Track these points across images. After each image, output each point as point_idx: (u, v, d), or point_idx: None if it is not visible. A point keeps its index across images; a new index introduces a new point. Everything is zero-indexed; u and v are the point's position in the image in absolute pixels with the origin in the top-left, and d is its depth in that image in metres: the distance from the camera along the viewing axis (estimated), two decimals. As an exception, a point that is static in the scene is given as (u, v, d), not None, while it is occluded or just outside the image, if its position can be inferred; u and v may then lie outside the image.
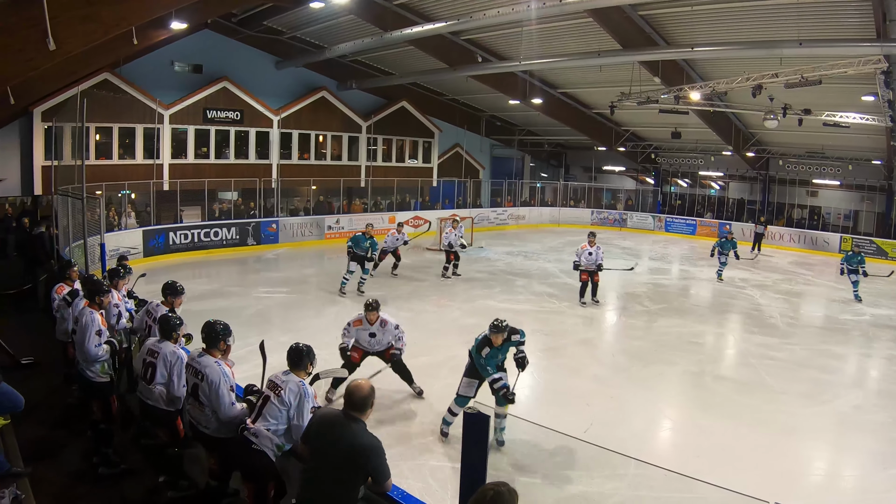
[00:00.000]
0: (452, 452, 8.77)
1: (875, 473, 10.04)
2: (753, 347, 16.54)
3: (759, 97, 23.04)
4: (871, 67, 19.63)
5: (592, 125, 37.93)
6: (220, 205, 30.53)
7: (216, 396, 6.73)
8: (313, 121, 33.32)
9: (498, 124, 42.77)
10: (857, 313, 20.71)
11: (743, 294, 22.87)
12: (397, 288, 21.51)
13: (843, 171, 34.73)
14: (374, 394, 5.48)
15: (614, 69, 27.46)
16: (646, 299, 21.51)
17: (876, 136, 28.92)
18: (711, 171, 40.70)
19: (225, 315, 15.74)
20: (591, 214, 42.63)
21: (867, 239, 33.06)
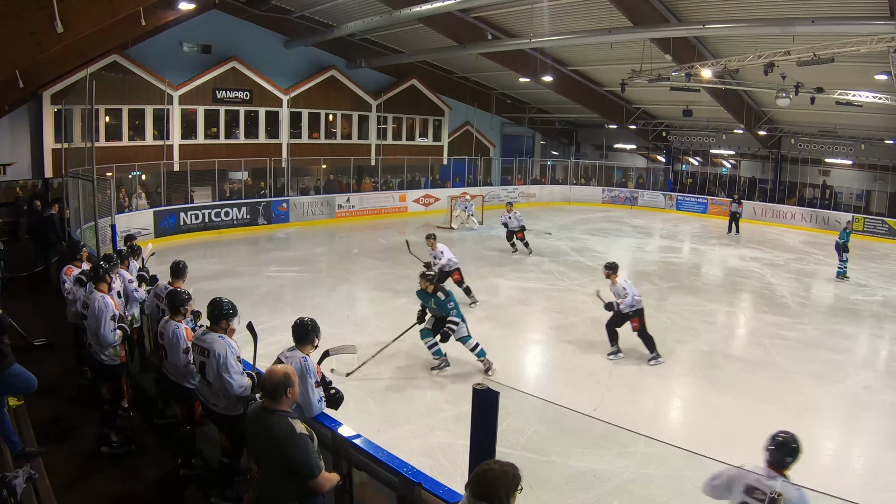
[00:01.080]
0: (462, 430, 8.81)
1: (885, 454, 10.02)
2: (764, 327, 16.52)
3: (771, 75, 22.93)
4: (884, 46, 19.43)
5: (603, 103, 37.79)
6: (231, 185, 30.56)
7: (225, 368, 6.68)
8: (323, 100, 33.23)
9: (508, 102, 42.57)
10: (868, 294, 20.64)
11: (754, 273, 22.81)
12: (408, 265, 21.46)
13: (855, 151, 34.46)
14: (292, 379, 5.11)
15: (625, 46, 27.29)
16: (656, 277, 21.50)
17: (889, 115, 28.60)
18: (723, 149, 40.46)
19: (236, 294, 15.93)
20: (602, 192, 42.55)
21: (879, 219, 32.94)
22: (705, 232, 32.19)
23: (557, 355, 14.14)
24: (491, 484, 3.70)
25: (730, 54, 25.01)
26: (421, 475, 5.34)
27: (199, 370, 6.90)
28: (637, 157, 46.07)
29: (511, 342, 14.80)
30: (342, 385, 7.52)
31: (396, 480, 5.37)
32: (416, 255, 16.60)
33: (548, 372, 13.44)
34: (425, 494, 5.19)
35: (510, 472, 3.77)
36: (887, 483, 9.22)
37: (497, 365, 12.66)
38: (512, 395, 9.89)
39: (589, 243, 27.43)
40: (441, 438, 9.70)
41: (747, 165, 40.75)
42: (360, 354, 11.03)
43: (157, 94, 27.14)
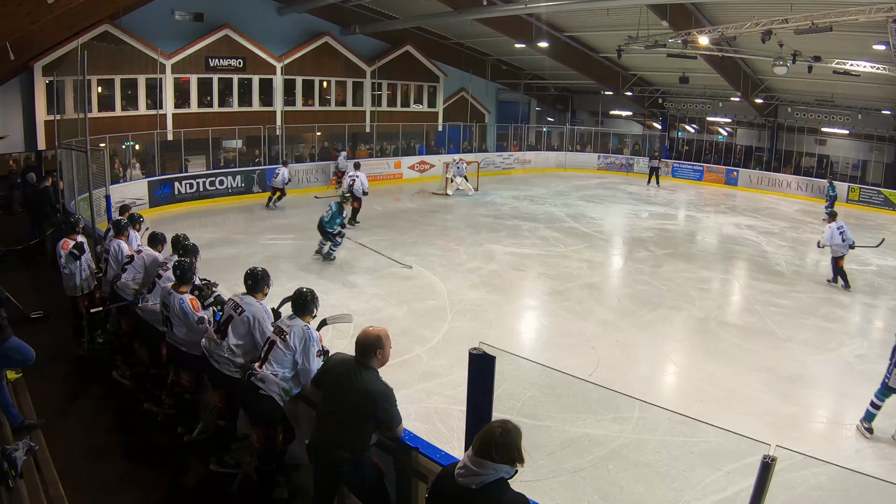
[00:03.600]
0: (458, 395, 8.83)
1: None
2: (759, 294, 16.59)
3: (768, 43, 22.84)
4: (882, 15, 19.35)
5: (599, 69, 37.53)
6: (225, 153, 30.44)
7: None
8: (317, 67, 32.89)
9: (504, 68, 42.29)
10: (862, 263, 20.67)
11: (749, 241, 22.85)
12: (404, 232, 21.53)
13: (852, 120, 34.33)
14: (384, 342, 5.38)
15: (622, 12, 27.13)
16: (652, 244, 21.53)
17: (886, 85, 28.53)
18: (719, 116, 40.29)
19: (233, 263, 15.99)
20: (598, 159, 42.40)
21: (875, 189, 32.92)
22: (700, 199, 32.23)
23: (552, 321, 14.20)
24: (509, 443, 3.79)
25: (727, 21, 24.91)
26: (418, 440, 5.42)
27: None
28: (633, 124, 45.93)
29: (506, 308, 14.84)
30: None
31: (394, 445, 5.45)
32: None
33: (543, 337, 13.51)
34: (422, 459, 5.27)
35: (518, 428, 3.86)
36: (879, 450, 9.30)
37: (492, 330, 12.70)
38: (508, 359, 9.90)
39: (584, 210, 27.41)
40: (438, 404, 9.77)
41: (744, 133, 40.67)
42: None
43: (150, 63, 26.84)
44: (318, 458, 5.55)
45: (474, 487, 3.77)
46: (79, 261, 10.40)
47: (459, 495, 3.83)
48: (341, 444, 5.28)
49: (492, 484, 3.77)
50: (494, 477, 3.77)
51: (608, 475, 8.13)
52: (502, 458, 3.76)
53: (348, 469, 5.33)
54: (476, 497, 3.78)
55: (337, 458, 5.31)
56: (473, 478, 3.78)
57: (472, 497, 3.79)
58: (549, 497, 7.57)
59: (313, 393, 5.95)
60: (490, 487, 3.77)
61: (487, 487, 3.77)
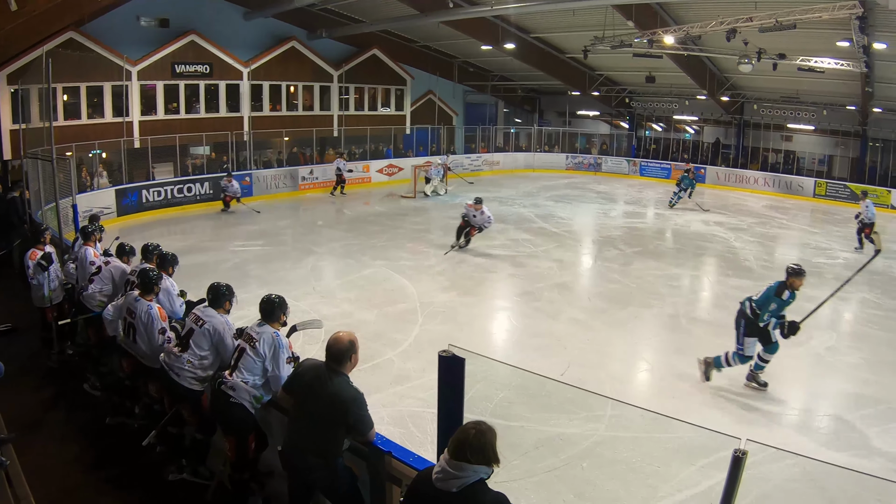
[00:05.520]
0: (431, 398, 8.83)
1: (848, 413, 10.18)
2: (729, 290, 16.68)
3: (733, 41, 22.97)
4: (845, 13, 19.55)
5: (566, 70, 37.67)
6: (193, 160, 30.13)
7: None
8: (284, 71, 32.70)
9: (471, 70, 42.33)
10: (830, 256, 20.91)
11: (718, 237, 22.99)
12: (373, 236, 21.46)
13: (817, 116, 34.88)
14: (356, 346, 5.46)
15: (587, 13, 27.25)
16: (621, 243, 21.63)
17: (850, 81, 28.84)
18: (686, 115, 40.65)
19: (202, 270, 15.86)
20: (566, 159, 42.49)
21: (841, 183, 33.42)
22: (669, 197, 32.35)
23: (524, 321, 14.22)
24: (485, 444, 3.81)
25: (692, 20, 25.08)
26: (391, 444, 5.41)
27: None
28: (600, 124, 46.10)
29: (477, 309, 14.84)
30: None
31: (366, 449, 5.44)
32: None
33: (515, 338, 13.50)
34: (396, 462, 5.25)
35: (492, 429, 3.89)
36: (849, 440, 9.37)
37: (463, 332, 12.68)
38: (479, 361, 9.88)
39: (553, 210, 27.49)
40: (411, 407, 9.73)
41: (710, 131, 40.96)
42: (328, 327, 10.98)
43: (116, 70, 26.53)
44: (291, 465, 5.52)
45: (454, 491, 3.77)
46: (47, 271, 10.28)
47: (439, 499, 3.82)
48: (314, 450, 5.28)
49: (472, 486, 3.77)
50: (474, 479, 3.78)
51: (582, 473, 8.14)
52: (478, 459, 3.77)
53: (321, 475, 5.33)
54: (457, 500, 3.78)
55: (310, 463, 5.31)
56: (453, 481, 3.78)
57: (452, 501, 3.78)
58: (524, 497, 7.56)
59: (284, 399, 5.92)
60: (470, 489, 3.77)
61: (468, 490, 3.77)
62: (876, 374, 11.84)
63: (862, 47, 22.96)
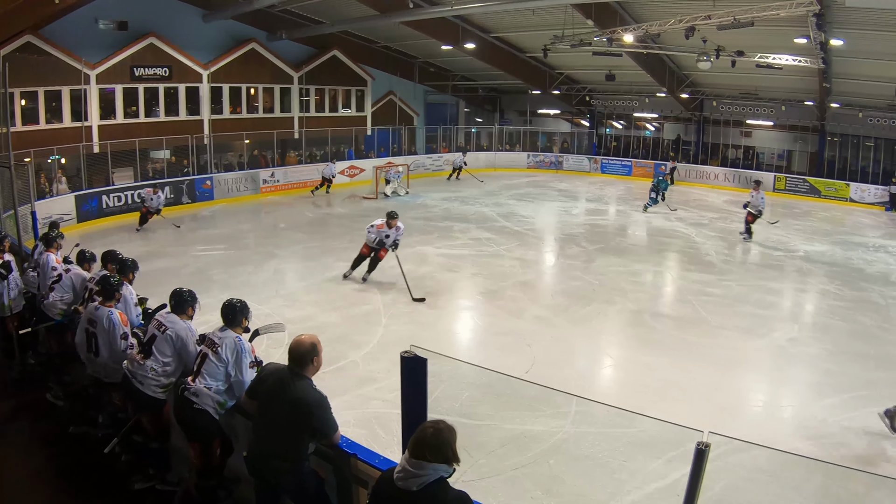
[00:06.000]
0: (395, 398, 8.79)
1: (812, 403, 10.35)
2: (691, 284, 16.84)
3: (692, 39, 23.17)
4: (802, 10, 19.79)
5: (526, 69, 37.75)
6: (153, 164, 29.75)
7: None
8: (244, 74, 32.46)
9: (431, 70, 42.34)
10: (790, 250, 21.17)
11: (679, 233, 23.15)
12: (335, 238, 21.33)
13: (776, 112, 35.40)
14: (318, 349, 5.39)
15: (547, 12, 27.25)
16: (583, 240, 21.71)
17: (808, 77, 29.28)
18: (646, 112, 41.01)
19: (163, 275, 15.69)
20: (527, 158, 42.64)
21: (800, 178, 34.04)
22: (630, 194, 32.54)
23: (487, 320, 14.19)
24: (442, 443, 3.80)
25: (651, 19, 25.23)
26: (356, 446, 5.39)
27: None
28: (561, 122, 46.29)
29: (441, 309, 14.80)
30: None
31: (332, 452, 5.42)
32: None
33: (479, 337, 13.49)
34: (362, 465, 5.24)
35: (451, 427, 3.88)
36: (813, 430, 9.50)
37: (427, 332, 12.65)
38: (443, 361, 9.86)
39: (515, 208, 27.52)
40: (376, 409, 9.68)
41: (670, 128, 41.32)
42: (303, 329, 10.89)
43: (74, 74, 26.13)
44: (257, 470, 5.47)
45: (415, 489, 3.76)
46: (6, 280, 10.06)
47: (400, 499, 3.81)
48: (279, 455, 5.23)
49: (432, 484, 3.76)
50: (434, 477, 3.76)
51: (550, 470, 8.14)
52: (436, 457, 3.76)
53: (288, 479, 5.28)
54: (417, 499, 3.76)
55: (275, 468, 5.27)
56: (413, 480, 3.77)
57: (413, 499, 3.77)
58: (491, 495, 7.53)
59: (248, 404, 5.85)
60: (431, 488, 3.76)
61: (428, 488, 3.76)
62: (838, 364, 12.01)
63: (819, 44, 23.22)
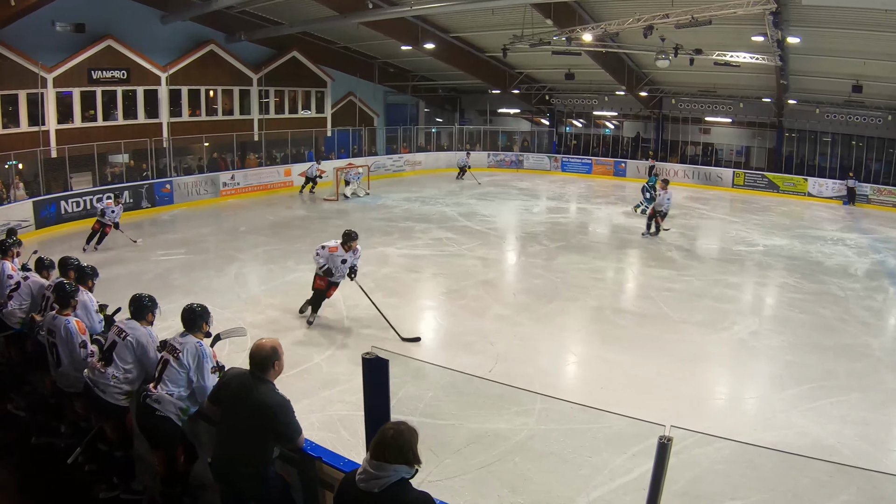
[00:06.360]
0: (359, 400, 8.74)
1: (774, 395, 10.49)
2: (652, 280, 16.98)
3: (650, 38, 23.31)
4: (759, 8, 19.97)
5: (486, 69, 37.82)
6: (112, 169, 29.36)
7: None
8: (202, 76, 32.14)
9: (391, 71, 42.24)
10: (750, 244, 21.41)
11: (640, 229, 23.22)
12: (296, 240, 21.19)
13: (734, 109, 35.95)
14: (279, 353, 5.39)
15: (507, 12, 27.28)
16: (544, 238, 21.79)
17: (766, 74, 29.68)
18: (606, 110, 41.32)
19: (123, 281, 15.50)
20: (488, 157, 42.69)
21: (759, 173, 34.66)
22: (591, 192, 32.71)
23: (450, 320, 14.22)
24: (402, 444, 3.80)
25: (610, 17, 25.34)
26: (320, 449, 5.38)
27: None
28: (521, 121, 46.46)
29: (403, 310, 14.75)
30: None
31: (297, 456, 5.41)
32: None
33: (442, 337, 13.47)
34: (326, 468, 5.23)
35: (412, 429, 3.88)
36: (776, 421, 9.64)
37: (389, 333, 12.61)
38: (406, 362, 9.85)
39: (476, 208, 27.55)
40: (340, 411, 9.61)
41: (630, 126, 41.65)
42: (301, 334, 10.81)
43: (30, 77, 25.68)
44: (222, 476, 5.44)
45: (377, 491, 3.76)
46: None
47: (363, 500, 3.80)
48: (243, 460, 5.21)
49: (394, 486, 3.76)
50: (395, 478, 3.77)
51: (515, 468, 8.13)
52: (396, 458, 3.76)
53: (253, 484, 5.24)
54: (379, 500, 3.76)
55: (240, 474, 5.23)
56: (375, 482, 3.77)
57: (375, 501, 3.77)
58: (458, 495, 7.54)
59: (211, 410, 5.78)
60: (392, 489, 3.76)
61: (389, 490, 3.76)
62: (799, 355, 12.20)
63: (776, 41, 23.46)
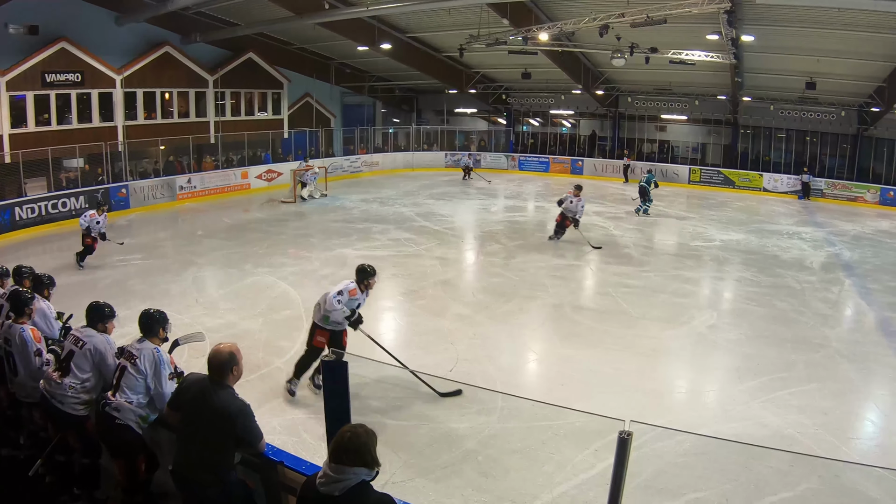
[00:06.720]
0: (321, 403, 8.68)
1: (733, 387, 10.64)
2: (610, 277, 17.11)
3: (606, 37, 23.48)
4: (714, 7, 20.21)
5: (443, 68, 37.90)
6: (67, 173, 28.84)
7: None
8: (158, 78, 31.71)
9: (348, 72, 42.10)
10: (707, 239, 21.65)
11: (597, 227, 23.41)
12: (254, 243, 21.02)
13: (690, 107, 36.55)
14: (237, 358, 5.34)
15: (463, 12, 27.31)
16: (502, 237, 21.87)
17: (720, 72, 30.13)
18: (562, 109, 41.62)
19: (80, 288, 15.27)
20: (445, 157, 42.69)
21: (715, 169, 35.22)
22: (548, 190, 32.79)
23: (410, 320, 14.23)
24: (359, 446, 3.79)
25: (566, 17, 25.47)
26: (282, 453, 5.38)
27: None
28: (478, 121, 46.63)
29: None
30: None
31: (258, 461, 5.40)
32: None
33: (402, 337, 13.41)
34: (289, 472, 5.22)
35: (370, 431, 3.87)
36: (736, 413, 9.76)
37: (350, 335, 12.56)
38: (366, 364, 9.80)
39: (434, 208, 27.57)
40: (301, 414, 9.58)
41: (586, 124, 41.99)
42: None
43: (-18, 81, 25.40)
44: (183, 483, 5.38)
45: (337, 494, 3.75)
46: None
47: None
48: (204, 466, 5.15)
49: (354, 488, 3.76)
50: (355, 481, 3.76)
51: (479, 466, 8.12)
52: (354, 461, 3.76)
53: (215, 491, 5.19)
54: (341, 503, 3.74)
55: (202, 480, 5.18)
56: (335, 485, 3.76)
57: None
58: (422, 495, 7.50)
59: (171, 416, 5.71)
60: (353, 492, 3.75)
61: (350, 492, 3.75)
62: (756, 348, 12.39)
63: (731, 40, 23.78)
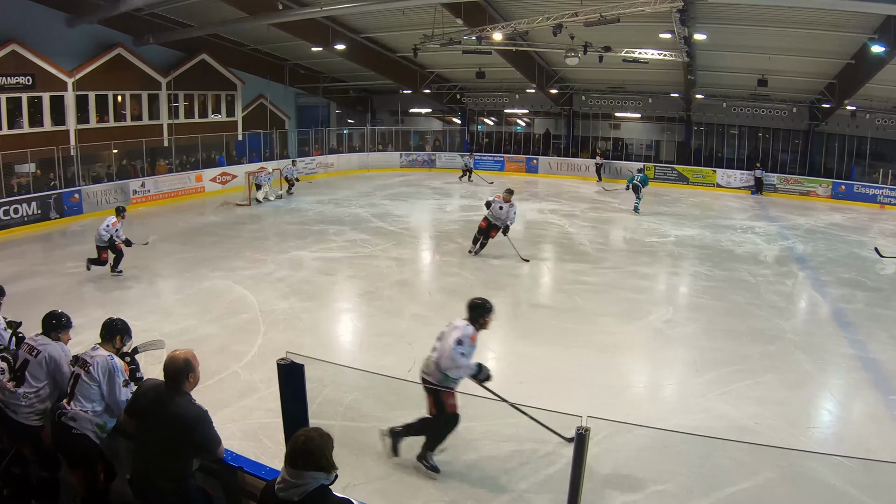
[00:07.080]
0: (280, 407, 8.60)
1: (690, 380, 10.79)
2: (567, 274, 17.24)
3: (560, 36, 23.62)
4: (667, 6, 20.44)
5: (397, 69, 37.87)
6: (18, 179, 28.36)
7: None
8: (110, 80, 31.22)
9: (302, 72, 41.88)
10: (662, 235, 21.87)
11: (553, 224, 23.54)
12: (209, 247, 20.82)
13: (643, 105, 37.02)
14: (192, 364, 5.31)
15: (417, 12, 27.30)
16: (458, 236, 21.85)
17: (673, 70, 30.56)
18: (517, 108, 41.91)
19: (35, 297, 15.04)
20: (400, 157, 42.72)
21: (669, 166, 35.65)
22: (503, 189, 32.82)
23: (367, 321, 14.20)
24: (314, 450, 3.77)
25: (519, 16, 25.62)
26: (241, 459, 5.34)
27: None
28: (433, 121, 46.74)
29: (319, 313, 14.65)
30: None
31: (217, 467, 5.35)
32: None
33: (359, 339, 13.41)
34: (248, 477, 5.19)
35: (325, 434, 3.86)
36: (694, 405, 9.94)
37: (307, 338, 12.51)
38: (325, 366, 9.74)
39: (389, 208, 27.52)
40: (260, 419, 9.49)
41: (541, 123, 42.28)
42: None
43: (-69, 86, 24.88)
44: (142, 492, 5.30)
45: (297, 499, 3.72)
46: None
47: None
48: (163, 474, 5.09)
49: (313, 493, 3.74)
50: (314, 485, 3.74)
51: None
52: (310, 465, 3.73)
53: (173, 499, 5.14)
54: None
55: (160, 488, 5.11)
56: (294, 490, 3.73)
57: None
58: (384, 498, 7.54)
59: (128, 423, 5.67)
60: (312, 497, 3.73)
61: (309, 497, 3.73)
62: (712, 341, 12.60)
63: (683, 38, 24.07)
